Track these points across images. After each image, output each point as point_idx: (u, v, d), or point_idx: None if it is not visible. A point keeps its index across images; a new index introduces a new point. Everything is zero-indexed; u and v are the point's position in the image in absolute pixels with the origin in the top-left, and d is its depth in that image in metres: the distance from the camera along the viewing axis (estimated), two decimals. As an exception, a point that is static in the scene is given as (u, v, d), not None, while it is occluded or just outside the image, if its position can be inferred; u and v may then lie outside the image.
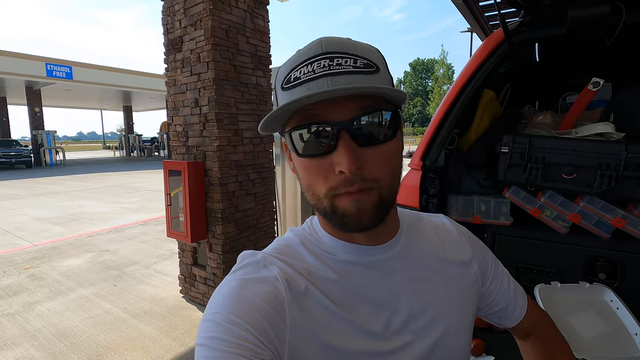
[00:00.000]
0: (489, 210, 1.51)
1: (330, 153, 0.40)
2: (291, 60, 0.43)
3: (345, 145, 0.39)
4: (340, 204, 0.41)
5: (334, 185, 0.41)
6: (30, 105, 16.58)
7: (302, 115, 0.41)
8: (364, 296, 0.46)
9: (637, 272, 1.30)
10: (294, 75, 0.41)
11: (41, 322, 2.69)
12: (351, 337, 0.43)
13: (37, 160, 16.86)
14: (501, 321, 0.63)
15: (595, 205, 1.37)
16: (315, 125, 0.40)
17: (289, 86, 0.42)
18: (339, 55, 0.40)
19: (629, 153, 1.25)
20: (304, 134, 0.41)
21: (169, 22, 2.76)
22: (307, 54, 0.42)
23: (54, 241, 4.84)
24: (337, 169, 0.39)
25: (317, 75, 0.39)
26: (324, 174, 0.41)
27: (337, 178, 0.40)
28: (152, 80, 18.35)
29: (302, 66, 0.41)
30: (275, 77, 0.46)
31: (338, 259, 0.47)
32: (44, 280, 3.49)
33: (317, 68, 0.40)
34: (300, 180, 0.46)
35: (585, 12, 1.28)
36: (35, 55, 14.33)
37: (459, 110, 1.52)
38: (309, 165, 0.42)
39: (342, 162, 0.39)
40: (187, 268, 3.03)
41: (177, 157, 2.90)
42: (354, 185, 0.40)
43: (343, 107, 0.39)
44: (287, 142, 0.44)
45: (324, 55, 0.40)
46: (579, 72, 1.96)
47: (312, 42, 0.43)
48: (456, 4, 1.64)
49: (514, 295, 0.62)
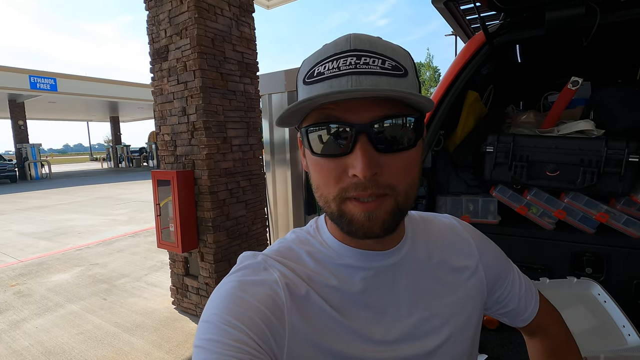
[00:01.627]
0: (477, 210, 1.53)
1: (346, 155, 0.38)
2: (316, 54, 0.42)
3: (362, 149, 0.37)
4: (349, 209, 0.39)
5: (344, 187, 0.39)
6: (14, 119, 16.24)
7: (320, 113, 0.39)
8: (364, 303, 0.45)
9: (622, 265, 1.33)
10: (317, 70, 0.40)
11: (28, 341, 2.61)
12: (350, 343, 0.42)
13: (22, 174, 16.48)
14: (511, 321, 0.62)
15: (580, 201, 1.40)
16: (334, 125, 0.39)
17: (311, 81, 0.40)
18: (367, 54, 0.38)
19: (609, 149, 1.28)
20: (321, 133, 0.39)
21: (154, 32, 2.75)
22: (333, 49, 0.40)
23: (40, 256, 4.73)
24: (351, 172, 0.38)
25: (342, 72, 0.38)
26: (337, 176, 0.39)
27: (349, 181, 0.38)
28: (139, 90, 18.17)
29: (327, 61, 0.39)
30: (298, 71, 0.44)
31: (341, 263, 0.46)
32: (30, 297, 3.39)
33: (343, 65, 0.38)
34: (310, 178, 0.44)
35: (561, 14, 1.32)
36: (18, 68, 14.09)
37: (444, 111, 1.55)
38: (322, 164, 0.40)
39: (357, 165, 0.37)
40: (178, 279, 2.98)
41: (166, 167, 2.87)
42: (367, 190, 0.38)
43: (365, 109, 0.38)
44: (302, 138, 0.43)
45: (351, 53, 0.38)
46: (559, 71, 2.02)
47: (340, 38, 0.41)
48: (438, 8, 1.67)
49: (525, 297, 0.60)
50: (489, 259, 0.57)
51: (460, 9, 1.74)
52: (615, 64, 1.88)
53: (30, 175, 16.59)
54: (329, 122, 0.39)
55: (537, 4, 1.38)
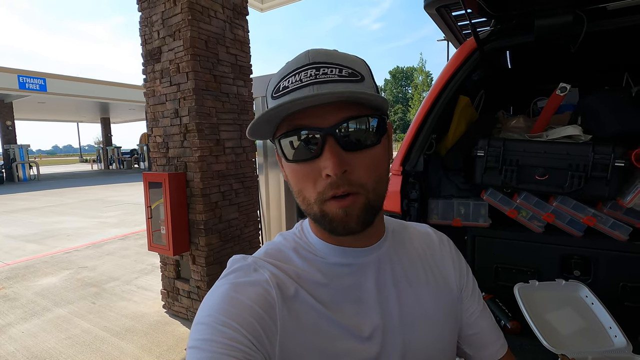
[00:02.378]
0: (469, 213, 1.55)
1: (317, 158, 0.42)
2: (281, 71, 0.46)
3: (331, 150, 0.41)
4: (329, 209, 0.43)
5: (321, 190, 0.42)
6: (2, 119, 15.94)
7: (289, 123, 0.43)
8: (350, 298, 0.47)
9: (608, 268, 1.36)
10: (282, 84, 0.44)
11: (14, 346, 2.55)
12: (339, 338, 0.44)
13: (10, 175, 16.16)
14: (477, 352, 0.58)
15: (568, 205, 1.42)
16: (303, 131, 0.42)
17: (277, 95, 0.44)
18: (324, 65, 0.43)
19: (596, 154, 1.31)
20: (292, 140, 0.43)
21: (146, 33, 2.73)
22: (295, 64, 0.44)
23: (28, 259, 4.63)
24: (324, 172, 0.41)
25: (304, 83, 0.42)
26: (313, 179, 0.43)
27: (324, 182, 0.42)
28: (131, 92, 17.99)
29: (290, 76, 0.43)
30: (267, 88, 0.47)
31: (327, 261, 0.48)
32: (17, 301, 3.32)
33: (304, 77, 0.42)
34: (291, 186, 0.47)
35: (550, 22, 1.36)
36: (7, 67, 13.84)
37: (436, 116, 1.57)
38: (298, 170, 0.44)
39: (328, 165, 0.40)
40: (169, 282, 2.95)
41: (158, 169, 2.85)
42: (340, 188, 0.41)
43: (329, 114, 0.41)
44: (277, 148, 0.46)
45: (310, 65, 0.43)
46: (548, 77, 2.05)
47: (300, 54, 0.45)
48: (430, 14, 1.69)
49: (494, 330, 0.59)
50: (462, 270, 0.59)
51: (452, 15, 1.77)
52: (602, 71, 1.92)
53: (18, 176, 16.27)
54: (298, 128, 0.42)
55: (526, 11, 1.41)
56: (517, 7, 1.42)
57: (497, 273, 1.51)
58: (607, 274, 1.36)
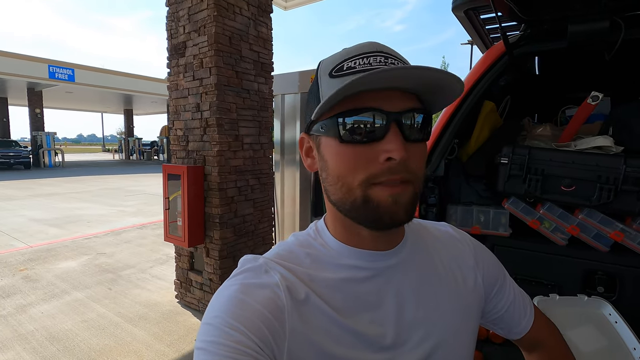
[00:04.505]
0: (488, 221, 1.51)
1: (378, 142, 0.40)
2: (340, 54, 0.44)
3: (395, 134, 0.40)
4: (376, 194, 0.41)
5: (375, 173, 0.40)
6: (31, 107, 16.61)
7: (352, 102, 0.41)
8: (365, 304, 0.45)
9: (635, 286, 1.30)
10: (347, 64, 0.42)
11: (34, 325, 2.66)
12: (350, 345, 0.42)
13: (36, 161, 16.82)
14: (505, 332, 0.62)
15: (594, 218, 1.37)
16: (371, 112, 0.40)
17: (341, 74, 0.42)
18: (391, 56, 0.42)
19: (628, 167, 1.26)
20: (354, 120, 0.41)
21: (172, 28, 2.79)
22: (360, 49, 0.43)
23: (49, 243, 4.81)
24: (386, 155, 0.39)
25: (373, 67, 0.40)
26: (365, 162, 0.41)
27: (381, 166, 0.40)
28: (154, 84, 18.45)
29: (357, 58, 0.42)
30: (318, 69, 0.46)
31: (342, 264, 0.47)
32: (38, 283, 3.45)
33: (374, 62, 0.41)
34: (327, 172, 0.44)
35: (585, 27, 1.30)
36: (38, 57, 14.41)
37: (459, 120, 1.53)
38: (350, 152, 0.41)
39: (394, 149, 0.39)
40: (183, 273, 3.00)
41: (177, 161, 2.90)
42: (397, 174, 0.40)
43: (397, 100, 0.41)
44: (326, 129, 0.43)
45: (378, 53, 0.42)
46: (579, 85, 1.98)
47: (363, 43, 0.45)
48: (458, 16, 1.66)
49: (520, 308, 0.60)
50: (486, 267, 0.57)
51: (480, 18, 1.73)
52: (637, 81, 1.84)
53: (44, 162, 16.93)
54: (364, 109, 0.40)
55: (560, 16, 1.36)
56: (550, 11, 1.38)
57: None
58: (633, 292, 1.30)
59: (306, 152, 0.49)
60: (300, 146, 0.50)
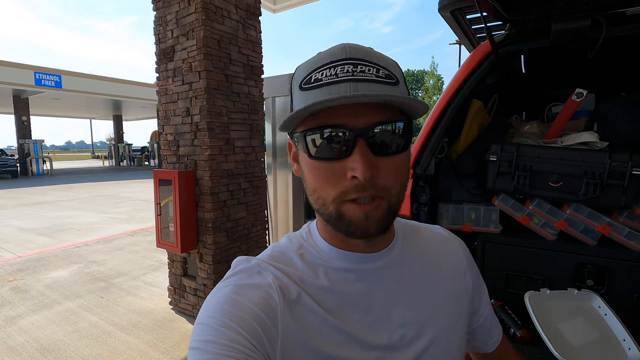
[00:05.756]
0: (479, 218, 1.53)
1: (345, 158, 0.40)
2: (312, 61, 0.43)
3: (361, 152, 0.39)
4: (348, 210, 0.41)
5: (344, 190, 0.40)
6: (18, 114, 16.31)
7: (319, 118, 0.40)
8: (355, 304, 0.46)
9: (623, 278, 1.33)
10: (314, 76, 0.41)
11: (24, 337, 2.60)
12: (341, 345, 0.43)
13: (24, 169, 16.51)
14: (481, 345, 0.63)
15: (582, 213, 1.39)
16: (335, 129, 0.40)
17: (308, 87, 0.41)
18: (362, 62, 0.40)
19: (613, 161, 1.28)
20: (320, 137, 0.41)
21: (160, 32, 2.77)
22: (329, 57, 0.41)
23: (39, 252, 4.72)
24: (351, 174, 0.39)
25: (339, 79, 0.39)
26: (335, 179, 0.41)
27: (349, 183, 0.40)
28: (143, 90, 18.25)
29: (324, 68, 0.41)
30: (293, 77, 0.45)
31: (332, 266, 0.47)
32: (27, 293, 3.38)
33: (340, 72, 0.40)
34: (305, 183, 0.45)
35: (567, 26, 1.33)
36: (23, 64, 14.15)
37: (448, 119, 1.55)
38: (320, 168, 0.42)
39: (358, 167, 0.39)
40: (176, 279, 2.97)
41: (168, 166, 2.88)
42: (366, 191, 0.40)
43: (362, 115, 0.40)
44: (298, 143, 0.44)
45: (347, 61, 0.40)
46: (564, 83, 2.02)
47: (335, 47, 0.43)
48: (444, 17, 1.68)
49: (494, 320, 0.63)
50: (473, 271, 0.59)
51: (467, 18, 1.75)
52: (620, 77, 1.88)
53: (32, 171, 16.62)
54: (330, 125, 0.40)
55: (543, 15, 1.39)
56: (534, 10, 1.40)
57: (507, 280, 1.49)
58: (621, 284, 1.33)
59: (293, 157, 0.49)
60: (289, 150, 0.50)
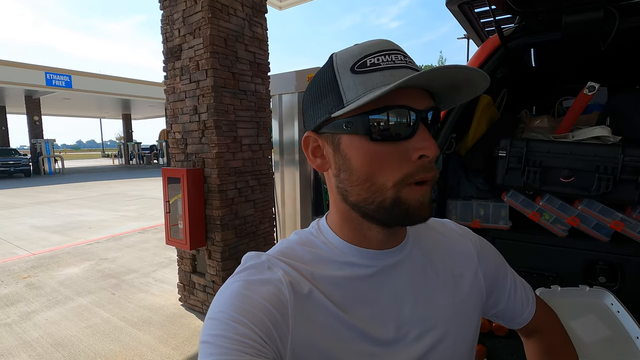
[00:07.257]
0: (488, 215, 1.51)
1: (407, 140, 0.40)
2: (357, 49, 0.43)
3: (426, 131, 0.40)
4: (407, 194, 0.41)
5: (410, 172, 0.40)
6: (30, 114, 16.60)
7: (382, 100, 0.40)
8: (365, 300, 0.45)
9: (636, 275, 1.30)
10: (370, 61, 0.41)
11: (38, 332, 2.66)
12: (352, 341, 0.43)
13: (36, 169, 16.83)
14: (507, 323, 0.63)
15: (594, 209, 1.37)
16: (402, 110, 0.40)
17: (364, 70, 0.41)
18: (405, 55, 0.43)
19: (626, 156, 1.26)
20: (386, 118, 0.40)
21: (167, 31, 2.78)
22: (379, 46, 0.43)
23: (52, 250, 4.82)
24: (419, 153, 0.40)
25: (397, 65, 0.41)
26: (397, 161, 0.40)
27: (414, 164, 0.40)
28: (151, 88, 18.42)
29: (379, 54, 0.42)
30: (336, 62, 0.44)
31: (344, 261, 0.47)
32: (41, 290, 3.46)
33: (396, 59, 0.41)
34: (350, 172, 0.43)
35: (579, 18, 1.30)
36: (35, 65, 14.39)
37: (456, 115, 1.53)
38: (381, 151, 0.41)
39: (429, 146, 0.39)
40: (186, 276, 3.01)
41: (176, 165, 2.90)
42: (430, 172, 0.40)
43: (421, 98, 0.41)
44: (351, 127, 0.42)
45: (396, 51, 0.42)
46: (575, 76, 1.98)
47: (376, 39, 0.44)
48: (452, 11, 1.66)
49: (522, 300, 0.61)
50: (488, 263, 0.58)
51: (475, 11, 1.72)
52: (634, 70, 1.84)
53: (44, 170, 16.93)
54: (397, 106, 0.40)
55: (554, 7, 1.36)
56: (545, 2, 1.37)
57: None
58: (634, 281, 1.30)
59: (313, 151, 0.47)
60: (304, 146, 0.48)
